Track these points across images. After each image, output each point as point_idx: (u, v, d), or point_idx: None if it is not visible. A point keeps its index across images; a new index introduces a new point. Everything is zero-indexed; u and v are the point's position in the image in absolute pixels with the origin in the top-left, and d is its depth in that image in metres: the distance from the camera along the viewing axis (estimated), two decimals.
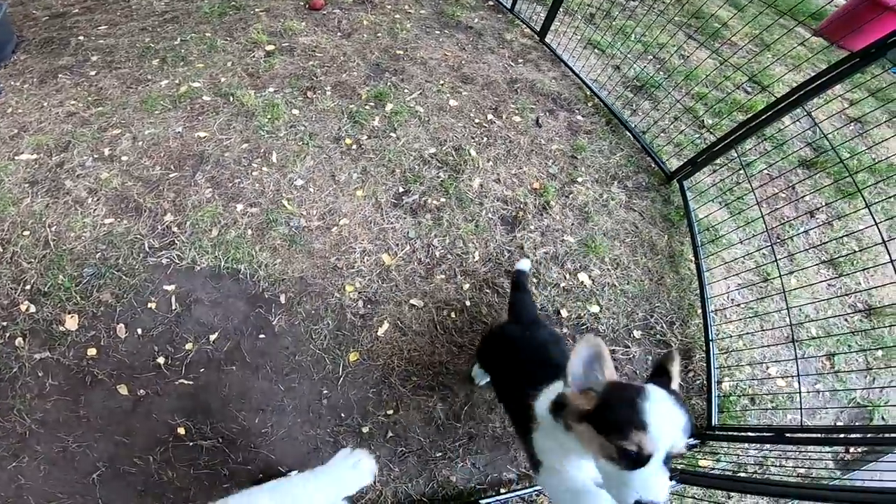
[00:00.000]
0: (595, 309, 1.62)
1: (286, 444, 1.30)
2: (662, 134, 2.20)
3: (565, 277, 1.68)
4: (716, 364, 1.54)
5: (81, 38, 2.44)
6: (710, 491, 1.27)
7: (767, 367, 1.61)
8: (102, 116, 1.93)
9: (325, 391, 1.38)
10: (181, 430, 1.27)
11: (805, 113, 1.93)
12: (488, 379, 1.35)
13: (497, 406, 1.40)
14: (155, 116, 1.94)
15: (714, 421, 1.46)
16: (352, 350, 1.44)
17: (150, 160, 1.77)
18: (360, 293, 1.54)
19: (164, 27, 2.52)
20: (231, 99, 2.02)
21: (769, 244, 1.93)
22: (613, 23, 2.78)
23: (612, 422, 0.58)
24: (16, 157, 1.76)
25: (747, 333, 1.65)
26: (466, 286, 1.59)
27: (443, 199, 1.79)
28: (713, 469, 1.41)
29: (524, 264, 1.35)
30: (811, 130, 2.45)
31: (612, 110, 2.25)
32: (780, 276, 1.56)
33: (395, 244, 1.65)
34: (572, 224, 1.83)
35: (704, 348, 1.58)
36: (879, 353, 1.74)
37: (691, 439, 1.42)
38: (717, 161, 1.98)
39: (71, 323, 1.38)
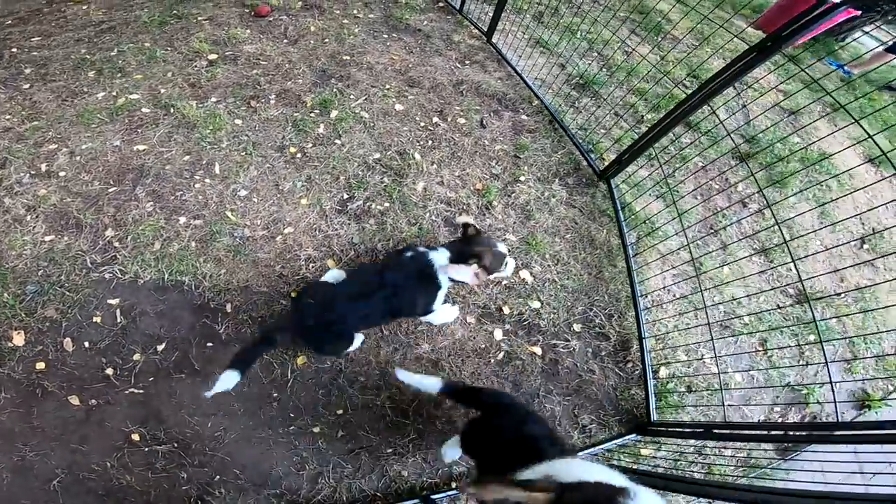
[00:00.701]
0: (536, 305, 1.82)
1: (240, 446, 1.45)
2: (602, 130, 2.45)
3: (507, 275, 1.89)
4: (650, 355, 1.72)
5: (14, 50, 2.52)
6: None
7: (702, 356, 1.81)
8: (38, 131, 2.04)
9: (274, 394, 1.54)
10: (135, 437, 1.42)
11: (727, 101, 2.17)
12: (457, 457, 1.44)
13: (444, 403, 1.57)
14: (92, 130, 2.06)
15: (652, 411, 1.63)
16: (299, 354, 1.61)
17: (89, 175, 1.90)
18: None
19: (100, 38, 2.61)
20: (171, 110, 2.16)
21: (703, 235, 2.18)
22: (561, 21, 3.01)
23: None
24: None
25: (685, 326, 1.83)
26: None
27: (387, 204, 1.98)
28: (653, 458, 1.56)
29: None
30: (745, 121, 2.75)
31: (550, 110, 2.47)
32: (697, 271, 1.71)
33: (340, 250, 1.83)
34: (514, 223, 2.05)
35: (638, 340, 1.75)
36: (812, 337, 1.95)
37: (632, 435, 1.60)
38: (651, 154, 2.21)
39: (18, 339, 1.52)
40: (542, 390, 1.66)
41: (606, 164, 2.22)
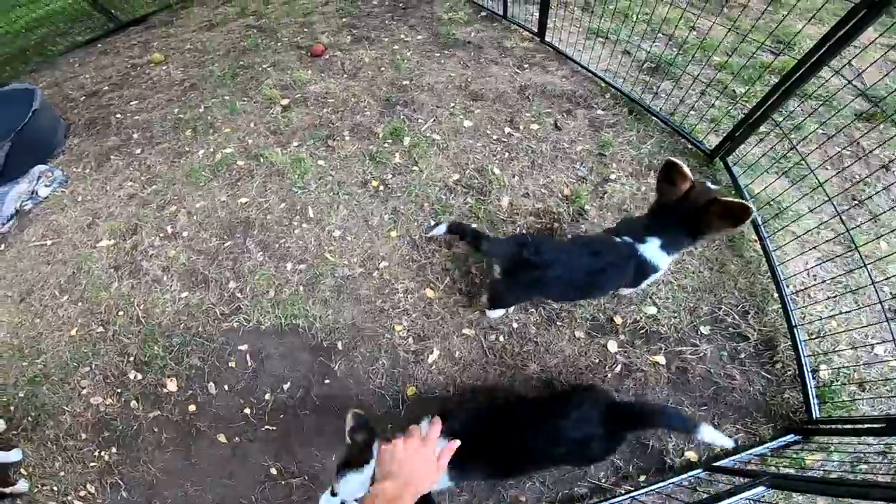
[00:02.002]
0: (652, 310, 1.62)
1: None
2: (692, 112, 2.15)
3: None
4: (806, 351, 1.45)
5: (119, 115, 2.80)
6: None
7: (873, 348, 1.49)
8: (158, 195, 2.23)
9: (390, 425, 1.53)
10: (273, 471, 1.49)
11: (845, 65, 1.78)
12: None
13: None
14: (201, 188, 2.21)
15: (815, 413, 1.37)
16: (408, 384, 1.58)
17: (206, 233, 2.03)
18: (408, 331, 1.68)
19: (186, 95, 2.82)
20: (261, 160, 2.25)
21: (846, 208, 1.78)
22: (611, 7, 2.71)
23: None
24: (97, 245, 2.10)
25: (841, 313, 1.53)
26: (511, 308, 1.67)
27: (474, 225, 1.88)
28: (824, 465, 1.31)
29: None
30: (859, 82, 2.26)
31: (632, 98, 2.22)
32: (856, 248, 1.37)
33: (435, 278, 1.77)
34: (612, 226, 1.85)
35: (789, 335, 1.50)
36: None
37: (789, 436, 1.39)
38: (762, 129, 1.88)
39: (171, 385, 1.67)
40: (671, 401, 1.49)
41: (713, 143, 1.93)
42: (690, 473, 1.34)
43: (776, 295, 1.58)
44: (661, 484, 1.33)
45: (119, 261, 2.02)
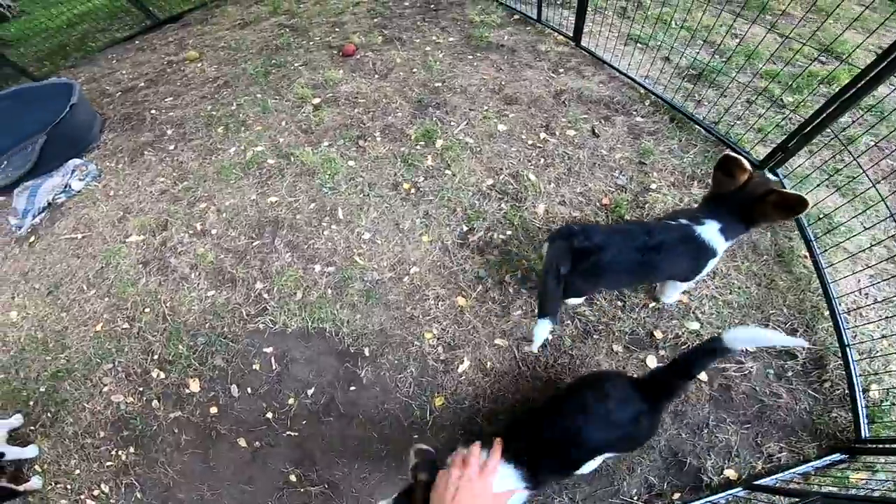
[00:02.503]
0: (695, 326, 1.51)
1: (384, 489, 1.37)
2: (738, 121, 2.02)
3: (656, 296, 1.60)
4: (857, 370, 1.37)
5: (154, 111, 2.79)
6: None
7: None
8: (188, 191, 2.19)
9: (415, 436, 1.44)
10: (293, 478, 1.41)
11: None
12: None
13: None
14: (231, 186, 2.16)
15: (864, 433, 1.30)
16: (437, 395, 1.49)
17: (235, 231, 1.98)
18: (438, 339, 1.58)
19: (219, 93, 2.80)
20: (292, 159, 2.19)
21: None
22: (648, 13, 2.59)
23: None
24: (126, 240, 2.06)
25: (893, 333, 1.43)
26: None
27: (508, 232, 1.79)
28: (867, 484, 1.24)
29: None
30: None
31: (674, 105, 2.10)
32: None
33: (467, 286, 1.68)
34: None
35: (840, 354, 1.42)
36: None
37: (836, 454, 1.31)
38: (814, 141, 1.76)
39: (194, 386, 1.60)
40: (711, 419, 1.38)
41: (762, 155, 1.80)
42: (729, 492, 1.26)
43: (826, 313, 1.48)
44: (696, 503, 1.24)
45: (147, 257, 1.97)
